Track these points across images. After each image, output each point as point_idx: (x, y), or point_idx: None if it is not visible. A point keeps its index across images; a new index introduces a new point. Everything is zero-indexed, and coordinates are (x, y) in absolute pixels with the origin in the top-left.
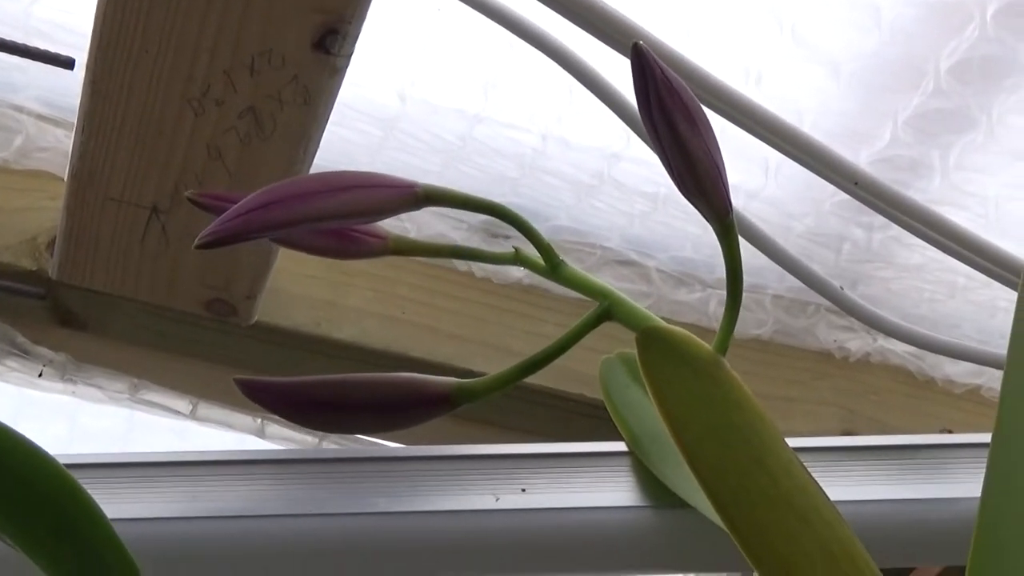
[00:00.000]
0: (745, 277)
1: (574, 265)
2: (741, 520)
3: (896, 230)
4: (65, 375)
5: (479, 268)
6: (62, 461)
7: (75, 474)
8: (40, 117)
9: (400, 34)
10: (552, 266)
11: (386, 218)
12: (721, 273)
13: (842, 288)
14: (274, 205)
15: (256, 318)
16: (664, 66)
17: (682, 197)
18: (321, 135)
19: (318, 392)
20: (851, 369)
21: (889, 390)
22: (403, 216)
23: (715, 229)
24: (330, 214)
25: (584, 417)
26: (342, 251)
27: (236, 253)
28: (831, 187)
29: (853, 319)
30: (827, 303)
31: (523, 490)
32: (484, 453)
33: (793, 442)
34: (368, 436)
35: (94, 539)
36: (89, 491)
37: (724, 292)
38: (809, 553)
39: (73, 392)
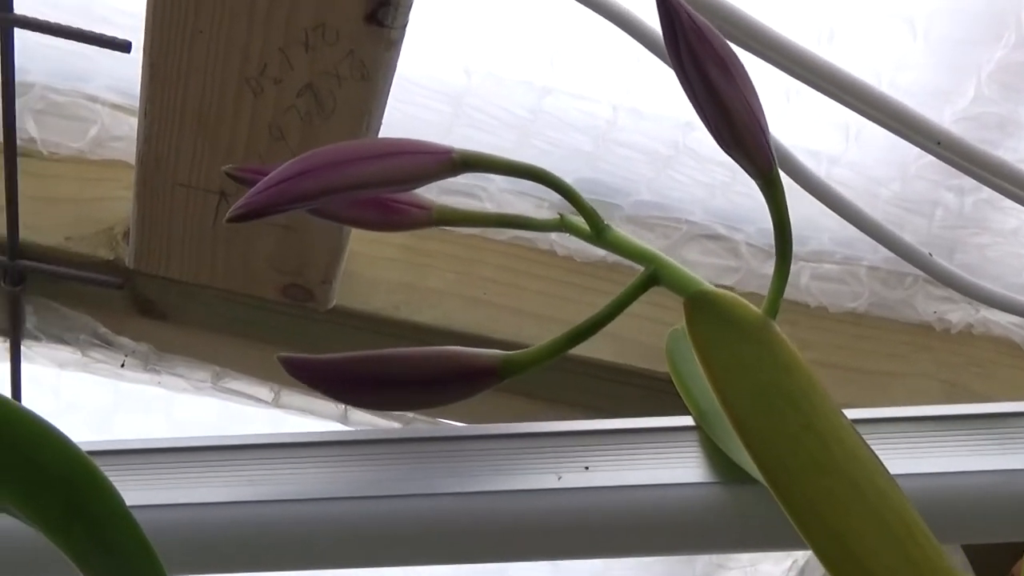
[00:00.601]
0: (837, 249)
1: (660, 241)
2: (790, 489)
3: (988, 192)
4: (148, 365)
5: (561, 246)
6: (133, 447)
7: (132, 460)
8: (114, 106)
9: (461, 5)
10: (597, 231)
11: (424, 185)
12: (814, 245)
13: (931, 255)
14: (307, 174)
15: (334, 303)
16: (692, 12)
17: None
18: (383, 110)
19: (361, 368)
20: (952, 341)
21: (993, 362)
22: (483, 196)
23: (759, 185)
24: (365, 182)
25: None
26: (384, 223)
27: (308, 236)
28: (916, 149)
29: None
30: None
31: (586, 468)
32: (545, 431)
33: (885, 412)
34: (421, 412)
35: (105, 518)
36: (137, 476)
37: (817, 264)
38: (862, 523)
39: (158, 383)
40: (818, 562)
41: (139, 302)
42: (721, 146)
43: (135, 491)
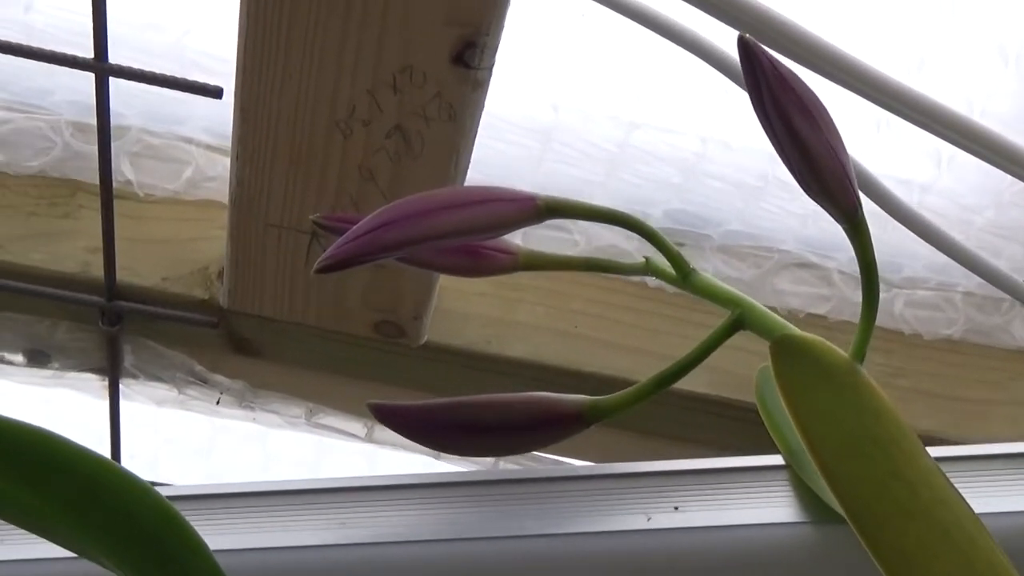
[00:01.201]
0: (931, 275)
1: (751, 271)
2: (877, 534)
3: None
4: (243, 402)
5: (651, 278)
6: (224, 491)
7: (222, 504)
8: (208, 147)
9: (548, 43)
10: (683, 275)
11: (508, 232)
12: (908, 272)
13: None
14: (391, 225)
15: (426, 338)
16: (773, 58)
17: None
18: (471, 149)
19: (447, 415)
20: None
21: None
22: (573, 228)
23: (844, 229)
24: (449, 231)
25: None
26: (471, 268)
27: (399, 274)
28: (1010, 176)
29: None
30: None
31: (676, 508)
32: (634, 471)
33: (975, 449)
34: (510, 455)
35: (192, 570)
36: (231, 520)
37: (911, 291)
38: (950, 567)
39: (253, 419)
40: None
41: (234, 340)
42: (805, 191)
43: (225, 535)
